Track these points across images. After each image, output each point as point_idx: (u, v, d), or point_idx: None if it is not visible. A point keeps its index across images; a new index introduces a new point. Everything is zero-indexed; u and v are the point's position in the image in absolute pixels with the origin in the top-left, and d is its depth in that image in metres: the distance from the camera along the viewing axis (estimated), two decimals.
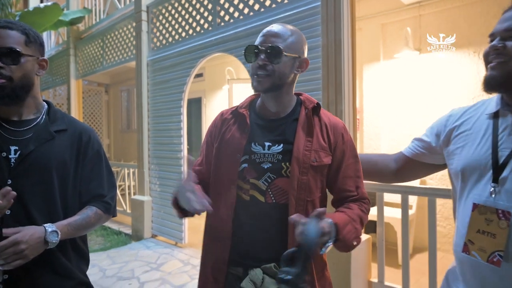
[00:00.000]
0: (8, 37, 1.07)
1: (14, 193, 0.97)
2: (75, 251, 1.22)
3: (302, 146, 1.09)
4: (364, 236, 2.80)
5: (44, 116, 1.22)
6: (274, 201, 1.09)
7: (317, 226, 0.88)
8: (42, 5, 5.19)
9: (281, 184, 1.09)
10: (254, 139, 1.13)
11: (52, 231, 1.04)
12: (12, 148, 1.12)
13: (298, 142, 1.09)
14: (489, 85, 0.96)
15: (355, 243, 1.07)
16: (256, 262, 1.07)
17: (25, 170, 1.11)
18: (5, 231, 0.97)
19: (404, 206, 2.51)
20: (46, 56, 1.22)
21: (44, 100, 1.27)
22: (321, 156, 1.11)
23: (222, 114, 1.26)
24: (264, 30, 1.12)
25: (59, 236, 1.06)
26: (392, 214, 3.54)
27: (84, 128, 1.27)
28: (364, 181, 1.21)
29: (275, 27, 1.12)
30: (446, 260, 2.88)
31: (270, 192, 1.09)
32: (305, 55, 1.16)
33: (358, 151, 4.79)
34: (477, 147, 0.98)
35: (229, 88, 5.04)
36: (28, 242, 0.98)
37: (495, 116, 0.99)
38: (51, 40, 7.47)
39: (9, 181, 1.09)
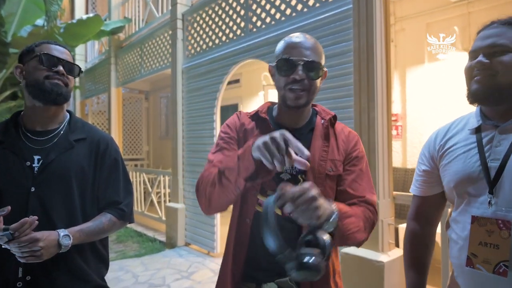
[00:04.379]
0: (71, 57, 1.29)
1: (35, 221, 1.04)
2: (94, 254, 1.27)
3: (318, 156, 1.07)
4: (397, 253, 2.60)
5: (65, 126, 1.29)
6: (289, 214, 1.00)
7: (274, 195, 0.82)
8: (84, 16, 5.44)
9: None
10: None
11: (65, 235, 1.10)
12: (36, 157, 1.20)
13: (313, 152, 1.06)
14: (476, 97, 0.97)
15: (357, 236, 0.98)
16: (268, 276, 1.04)
17: (47, 178, 1.18)
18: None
19: (443, 221, 2.26)
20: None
21: (67, 110, 1.35)
22: (337, 165, 1.09)
23: (239, 114, 1.18)
24: (294, 41, 1.04)
25: (71, 240, 1.11)
26: (438, 230, 3.24)
27: (102, 136, 1.33)
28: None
29: (308, 40, 1.05)
30: None
31: None
32: None
33: (401, 160, 4.44)
34: (466, 161, 1.00)
35: (264, 94, 4.95)
36: (45, 241, 1.04)
37: (477, 130, 1.01)
38: (94, 49, 7.82)
39: (33, 189, 1.16)
